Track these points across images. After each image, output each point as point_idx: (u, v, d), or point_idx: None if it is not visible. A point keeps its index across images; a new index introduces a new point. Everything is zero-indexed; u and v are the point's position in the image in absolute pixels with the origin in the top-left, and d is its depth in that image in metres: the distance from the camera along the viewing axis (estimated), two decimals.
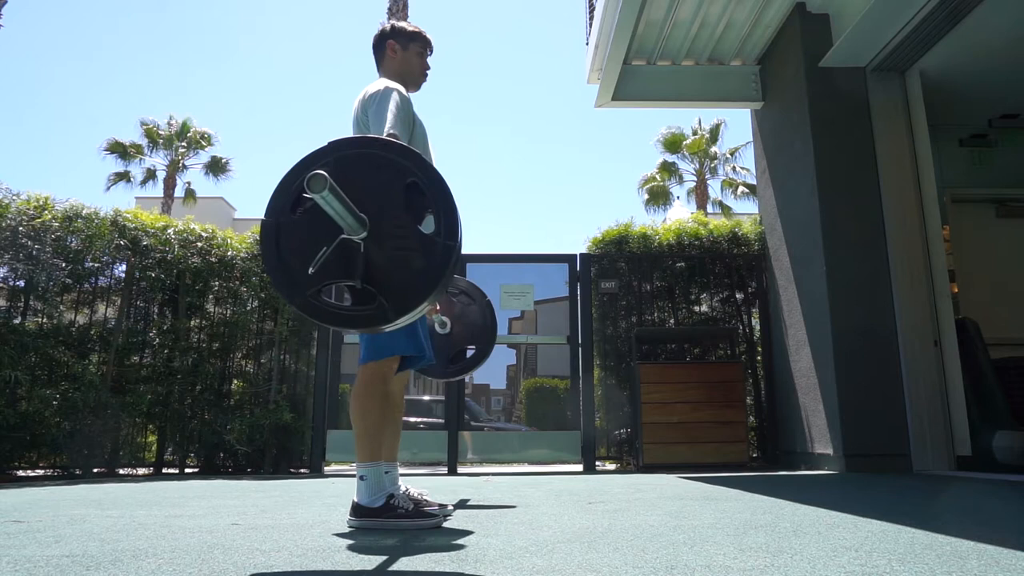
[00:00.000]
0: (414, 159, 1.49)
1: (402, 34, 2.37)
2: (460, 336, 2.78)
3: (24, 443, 4.72)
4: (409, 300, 1.42)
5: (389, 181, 1.48)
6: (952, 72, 4.68)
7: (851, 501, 2.48)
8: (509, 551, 1.52)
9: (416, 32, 2.40)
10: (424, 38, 2.41)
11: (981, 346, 4.33)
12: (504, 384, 10.31)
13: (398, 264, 1.46)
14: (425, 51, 2.42)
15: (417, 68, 2.39)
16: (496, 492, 3.24)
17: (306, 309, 1.46)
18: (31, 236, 4.93)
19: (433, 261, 1.42)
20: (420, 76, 2.41)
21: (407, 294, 1.43)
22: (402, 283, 1.44)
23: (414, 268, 1.44)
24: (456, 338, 2.77)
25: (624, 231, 5.96)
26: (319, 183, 1.30)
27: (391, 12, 13.13)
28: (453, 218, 1.44)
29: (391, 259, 1.46)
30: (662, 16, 5.00)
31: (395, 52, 2.36)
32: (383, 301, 1.42)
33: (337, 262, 1.45)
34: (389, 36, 2.37)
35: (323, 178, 1.30)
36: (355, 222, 1.42)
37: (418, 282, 1.43)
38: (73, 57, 74.39)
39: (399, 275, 1.45)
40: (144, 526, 1.98)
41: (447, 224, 1.43)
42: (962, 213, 5.33)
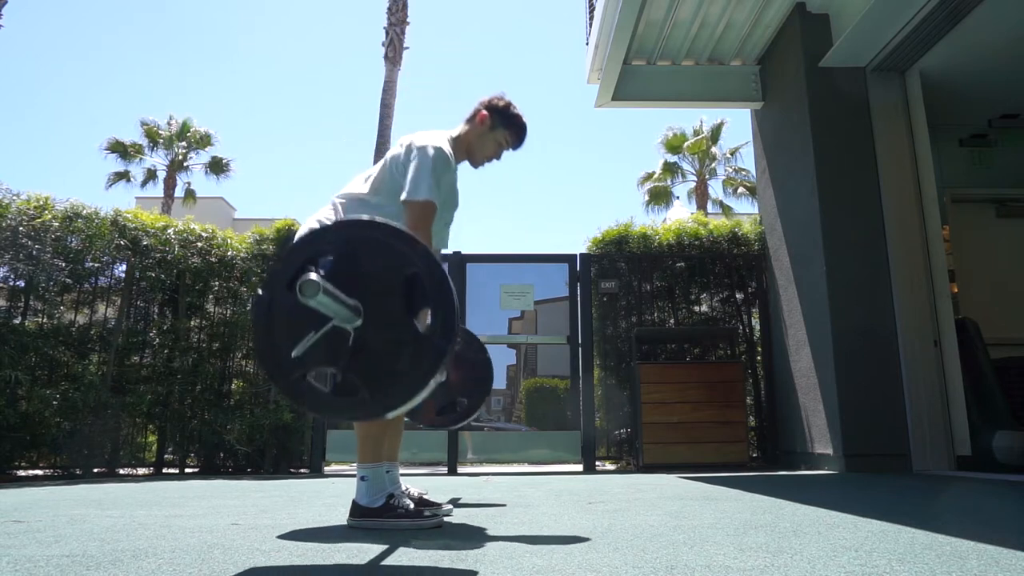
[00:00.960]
0: (418, 250, 1.43)
1: (502, 115, 2.28)
2: (454, 387, 2.67)
3: (24, 443, 4.73)
4: (394, 399, 1.37)
5: (389, 270, 1.43)
6: (952, 72, 4.68)
7: (851, 501, 2.48)
8: (509, 551, 1.52)
9: (516, 124, 2.30)
10: (518, 136, 2.31)
11: (981, 346, 4.33)
12: (504, 384, 10.30)
13: (388, 358, 1.41)
14: (508, 145, 2.32)
15: (489, 152, 2.31)
16: (496, 492, 3.24)
17: (289, 392, 1.42)
18: (31, 236, 4.93)
19: (424, 361, 1.36)
20: (485, 160, 2.33)
21: (393, 392, 1.37)
22: (390, 379, 1.39)
23: (403, 366, 1.38)
24: (450, 388, 2.66)
25: (624, 231, 5.96)
26: (311, 289, 1.28)
27: (391, 12, 13.14)
28: (451, 317, 1.38)
29: (382, 352, 1.41)
30: (662, 16, 5.00)
31: (483, 124, 2.28)
32: (366, 395, 1.38)
33: (326, 347, 1.41)
34: (490, 107, 2.28)
35: (315, 285, 1.28)
36: (348, 313, 1.39)
37: (406, 382, 1.37)
38: (73, 57, 74.40)
39: (388, 370, 1.40)
40: (144, 526, 1.98)
41: (443, 323, 1.37)
42: (962, 213, 5.33)
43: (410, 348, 1.39)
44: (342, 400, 1.43)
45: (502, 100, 2.30)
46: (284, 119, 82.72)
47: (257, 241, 5.78)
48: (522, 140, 2.34)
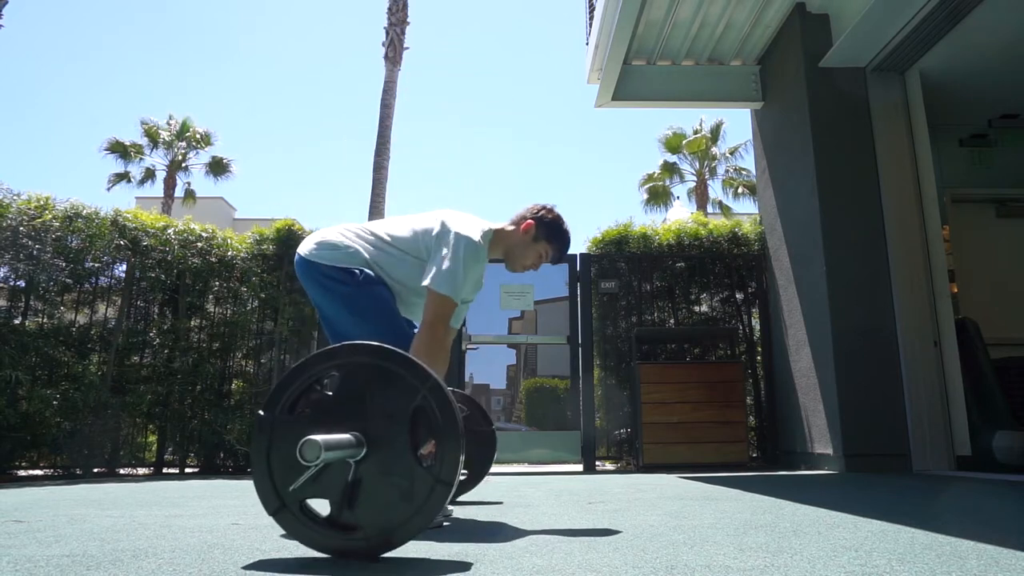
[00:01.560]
0: (428, 382, 1.40)
1: (548, 229, 2.20)
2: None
3: (24, 443, 4.73)
4: (391, 539, 1.35)
5: (396, 401, 1.40)
6: (952, 72, 4.68)
7: (851, 501, 2.48)
8: (509, 551, 1.52)
9: (560, 240, 2.23)
10: (560, 251, 2.24)
11: (981, 346, 4.33)
12: (504, 384, 10.30)
13: (389, 496, 1.37)
14: (547, 258, 2.25)
15: (529, 262, 2.24)
16: (496, 492, 3.24)
17: (282, 522, 1.40)
18: (32, 236, 4.93)
19: (427, 502, 1.33)
20: (521, 268, 2.26)
21: (391, 530, 1.35)
22: (388, 517, 1.36)
23: (405, 505, 1.35)
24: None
25: (624, 231, 5.96)
26: (313, 452, 1.26)
27: (391, 12, 13.14)
28: (455, 454, 1.35)
29: (381, 489, 1.37)
30: (662, 16, 5.00)
31: (527, 234, 2.20)
32: (360, 536, 1.36)
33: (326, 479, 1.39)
34: (537, 219, 2.21)
35: (316, 446, 1.26)
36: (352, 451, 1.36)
37: (404, 522, 1.34)
38: (73, 57, 74.44)
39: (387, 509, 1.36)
40: (144, 526, 1.98)
41: (448, 460, 1.35)
42: (962, 213, 5.33)
43: (412, 488, 1.35)
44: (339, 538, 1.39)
45: (551, 213, 2.23)
46: (284, 119, 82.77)
47: (257, 241, 5.78)
48: (563, 256, 2.29)
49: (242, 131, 71.77)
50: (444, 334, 2.03)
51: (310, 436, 1.28)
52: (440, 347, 2.01)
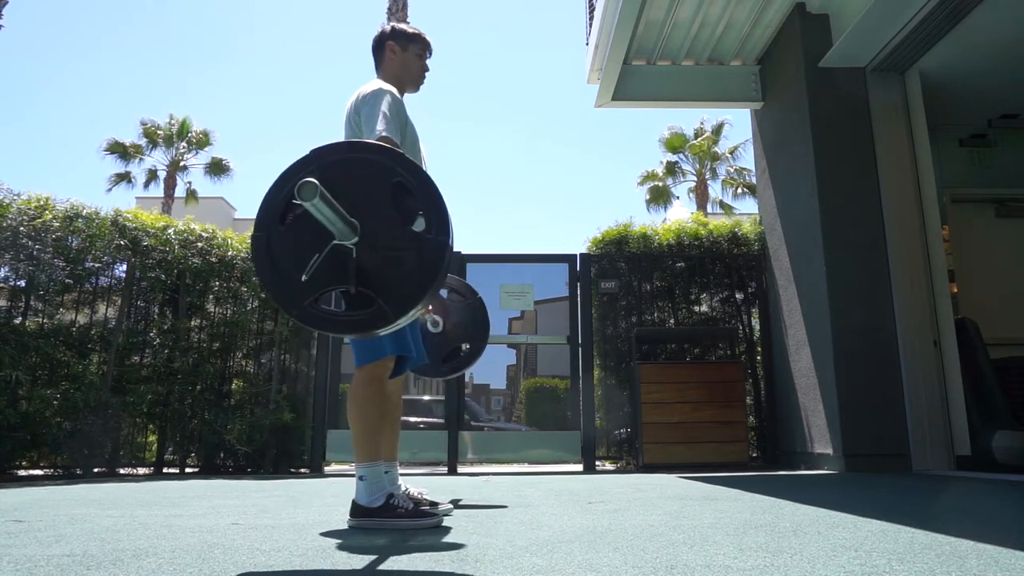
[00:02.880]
0: (398, 159, 1.49)
1: (402, 35, 2.38)
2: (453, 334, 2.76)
3: (25, 443, 4.72)
4: (407, 300, 1.42)
5: (375, 183, 1.48)
6: (952, 72, 4.68)
7: (851, 501, 2.48)
8: (509, 551, 1.52)
9: (415, 34, 2.40)
10: (423, 40, 2.41)
11: (981, 346, 4.33)
12: (504, 384, 10.31)
13: (392, 265, 1.46)
14: (424, 53, 2.42)
15: (416, 70, 2.40)
16: (496, 492, 3.24)
17: (305, 319, 1.46)
18: (32, 236, 4.93)
19: (427, 258, 1.43)
20: (419, 77, 2.41)
21: (404, 294, 1.43)
22: (398, 283, 1.44)
23: (409, 267, 1.44)
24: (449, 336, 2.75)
25: (624, 231, 5.96)
26: (310, 190, 1.30)
27: (391, 12, 13.13)
28: (443, 214, 1.44)
29: (385, 261, 1.46)
30: (662, 16, 5.00)
31: (394, 53, 2.36)
32: (381, 303, 1.42)
33: (332, 269, 1.45)
34: (389, 37, 2.38)
35: (313, 185, 1.30)
36: (346, 227, 1.42)
37: (414, 281, 1.43)
38: (73, 57, 74.48)
39: (395, 276, 1.45)
40: (144, 526, 1.98)
41: (437, 221, 1.44)
42: (962, 213, 5.33)
43: (412, 250, 1.44)
44: (358, 314, 1.45)
45: (386, 27, 2.40)
46: (284, 119, 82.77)
47: None
48: (429, 42, 2.43)
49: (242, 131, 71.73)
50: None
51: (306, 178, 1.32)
52: None
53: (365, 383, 2.07)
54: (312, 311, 1.46)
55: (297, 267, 1.44)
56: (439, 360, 2.74)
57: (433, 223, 1.44)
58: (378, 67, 2.40)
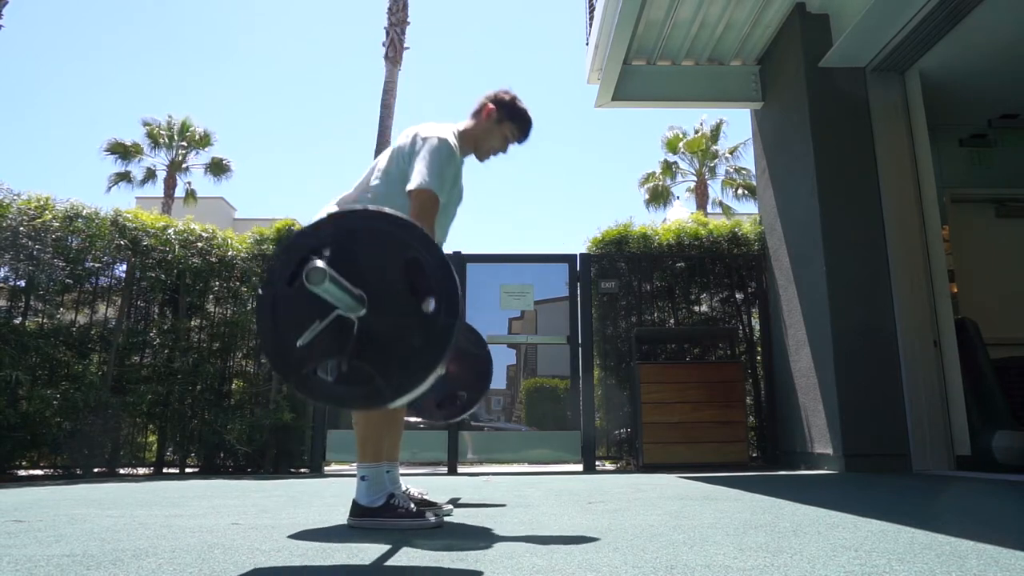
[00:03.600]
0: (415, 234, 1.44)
1: (509, 109, 2.30)
2: (454, 380, 2.67)
3: (25, 443, 4.73)
4: (406, 381, 1.37)
5: (389, 256, 1.44)
6: (952, 72, 4.68)
7: (851, 501, 2.48)
8: (509, 551, 1.52)
9: (522, 118, 2.32)
10: (524, 129, 2.34)
11: (981, 346, 4.33)
12: (504, 384, 10.30)
13: (396, 342, 1.41)
14: (514, 138, 2.34)
15: (495, 146, 2.33)
16: (496, 492, 3.24)
17: (300, 387, 1.42)
18: (32, 236, 4.93)
19: (432, 340, 1.37)
20: (492, 154, 2.35)
21: (405, 375, 1.38)
22: (401, 363, 1.39)
23: (412, 348, 1.39)
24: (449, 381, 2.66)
25: (624, 231, 5.96)
26: (318, 276, 1.28)
27: (391, 12, 13.14)
28: (453, 296, 1.39)
29: (389, 337, 1.41)
30: (662, 16, 5.00)
31: (489, 118, 2.30)
32: (380, 382, 1.38)
33: (333, 339, 1.41)
34: (495, 101, 2.30)
35: (322, 272, 1.28)
36: (353, 302, 1.39)
37: (417, 363, 1.37)
38: (73, 57, 74.46)
39: (397, 354, 1.40)
40: (144, 526, 1.98)
41: (447, 302, 1.39)
42: (962, 213, 5.33)
43: (417, 330, 1.40)
44: (355, 390, 1.42)
45: (508, 94, 2.32)
46: (284, 119, 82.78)
47: (257, 241, 5.78)
48: (527, 134, 2.36)
49: (242, 131, 71.78)
50: (430, 231, 2.03)
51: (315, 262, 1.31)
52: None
53: None
54: (308, 380, 1.41)
55: (298, 332, 1.41)
56: (433, 404, 2.65)
57: (443, 305, 1.39)
58: (471, 113, 2.34)
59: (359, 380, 1.41)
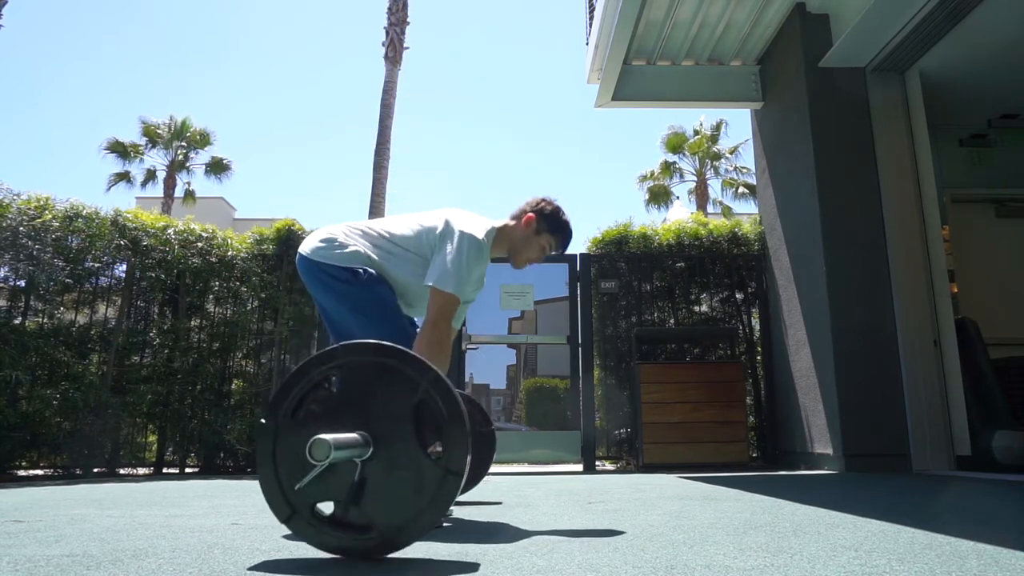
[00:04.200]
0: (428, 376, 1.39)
1: (550, 222, 2.23)
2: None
3: (25, 443, 4.73)
4: (402, 534, 1.34)
5: (398, 397, 1.39)
6: (952, 72, 4.68)
7: (851, 501, 2.48)
8: (509, 551, 1.52)
9: (563, 232, 2.26)
10: (563, 243, 2.28)
11: (981, 346, 4.33)
12: (504, 384, 10.30)
13: (398, 490, 1.36)
14: (552, 250, 2.28)
15: (532, 256, 2.26)
16: (496, 492, 3.24)
17: (294, 527, 1.39)
18: (31, 236, 4.93)
19: (437, 491, 1.33)
20: (526, 262, 2.28)
21: (401, 527, 1.34)
22: (401, 512, 1.35)
23: (415, 497, 1.35)
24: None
25: (624, 231, 5.96)
26: (322, 451, 1.25)
27: (391, 11, 13.14)
28: (462, 445, 1.34)
29: (390, 485, 1.37)
30: (662, 16, 5.00)
31: (528, 227, 2.22)
32: (377, 530, 1.35)
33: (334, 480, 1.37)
34: (538, 211, 2.23)
35: (326, 445, 1.25)
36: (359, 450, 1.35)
37: (415, 516, 1.34)
38: (73, 57, 74.49)
39: (396, 504, 1.36)
40: (144, 526, 1.98)
41: (454, 452, 1.34)
42: (962, 213, 5.33)
43: (421, 479, 1.35)
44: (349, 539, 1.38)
45: (551, 205, 2.24)
46: (284, 119, 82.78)
47: (257, 241, 5.78)
48: (566, 247, 2.30)
49: (242, 131, 71.81)
50: (446, 332, 2.03)
51: (319, 435, 1.27)
52: (442, 345, 2.01)
53: None
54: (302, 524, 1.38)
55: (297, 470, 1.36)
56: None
57: (451, 451, 1.34)
58: (511, 215, 2.26)
59: (356, 526, 1.37)
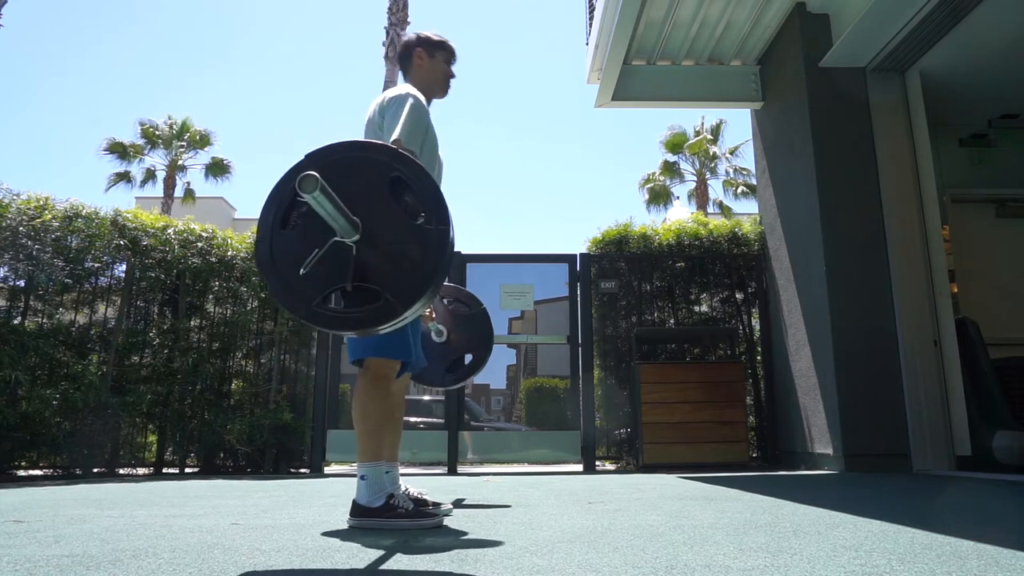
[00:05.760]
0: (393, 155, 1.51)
1: (429, 43, 2.43)
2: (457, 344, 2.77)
3: (24, 443, 4.72)
4: (413, 291, 1.43)
5: (372, 180, 1.50)
6: (952, 72, 4.68)
7: (851, 501, 2.48)
8: (509, 551, 1.52)
9: (442, 41, 2.45)
10: (450, 47, 2.46)
11: (981, 346, 4.33)
12: (504, 384, 10.30)
13: (397, 258, 1.47)
14: (451, 59, 2.47)
15: (443, 76, 2.44)
16: (496, 492, 3.24)
17: (312, 318, 1.47)
18: (31, 236, 4.92)
19: (430, 248, 1.44)
20: (446, 83, 2.46)
21: (410, 286, 1.44)
22: (404, 276, 1.45)
23: (412, 260, 1.45)
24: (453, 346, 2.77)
25: (624, 231, 5.96)
26: (310, 183, 1.31)
27: (391, 11, 13.14)
28: (441, 205, 1.46)
29: (388, 255, 1.47)
30: (662, 16, 5.00)
31: (422, 60, 2.41)
32: (388, 297, 1.43)
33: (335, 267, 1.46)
34: (416, 45, 2.43)
35: (314, 178, 1.31)
36: (347, 224, 1.43)
37: (419, 272, 1.44)
38: (72, 57, 74.52)
39: (400, 268, 1.46)
40: (144, 526, 1.98)
41: (436, 211, 1.45)
42: (962, 213, 5.33)
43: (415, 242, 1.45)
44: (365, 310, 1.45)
45: (413, 35, 2.46)
46: (284, 119, 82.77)
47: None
48: (455, 49, 2.48)
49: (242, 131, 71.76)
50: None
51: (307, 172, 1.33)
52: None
53: (372, 381, 2.07)
54: (319, 311, 1.46)
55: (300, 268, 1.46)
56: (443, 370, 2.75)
57: (432, 215, 1.45)
58: (406, 74, 2.45)
59: (367, 301, 1.45)
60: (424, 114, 2.23)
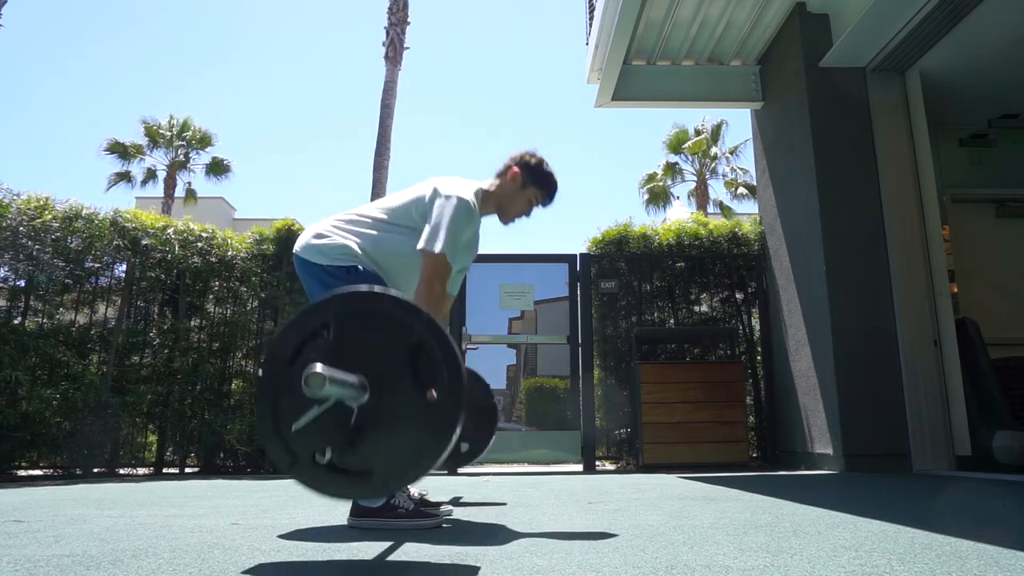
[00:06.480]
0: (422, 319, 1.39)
1: (534, 174, 2.24)
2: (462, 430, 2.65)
3: (24, 443, 4.73)
4: (403, 475, 1.34)
5: (393, 341, 1.39)
6: (952, 72, 4.68)
7: (851, 501, 2.48)
8: (509, 551, 1.52)
9: (547, 183, 2.27)
10: (549, 194, 2.29)
11: (981, 346, 4.33)
12: (504, 384, 10.30)
13: (396, 432, 1.37)
14: (539, 203, 2.29)
15: (520, 210, 2.27)
16: (496, 492, 3.24)
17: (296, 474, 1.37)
18: (31, 236, 4.93)
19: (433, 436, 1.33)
20: (515, 218, 2.28)
21: (402, 468, 1.34)
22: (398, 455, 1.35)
23: (412, 439, 1.35)
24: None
25: (624, 231, 5.96)
26: (317, 382, 1.25)
27: (391, 12, 13.14)
28: (458, 387, 1.34)
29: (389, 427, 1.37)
30: (662, 16, 5.00)
31: (514, 181, 2.24)
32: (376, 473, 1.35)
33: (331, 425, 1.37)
34: (522, 164, 2.25)
35: (321, 377, 1.25)
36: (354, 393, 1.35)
37: (415, 455, 1.33)
38: (73, 56, 74.53)
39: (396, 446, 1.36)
40: (144, 526, 1.98)
41: (451, 395, 1.34)
42: (962, 213, 5.33)
43: (419, 421, 1.35)
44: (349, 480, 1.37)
45: (534, 157, 2.25)
46: (284, 119, 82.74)
47: (257, 241, 5.78)
48: (553, 198, 2.30)
49: (242, 131, 71.82)
50: (441, 293, 2.01)
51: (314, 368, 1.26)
52: (438, 306, 1.99)
53: None
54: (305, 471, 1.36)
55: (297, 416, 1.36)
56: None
57: (447, 396, 1.34)
58: (496, 174, 2.28)
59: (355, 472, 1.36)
60: (471, 227, 2.10)
